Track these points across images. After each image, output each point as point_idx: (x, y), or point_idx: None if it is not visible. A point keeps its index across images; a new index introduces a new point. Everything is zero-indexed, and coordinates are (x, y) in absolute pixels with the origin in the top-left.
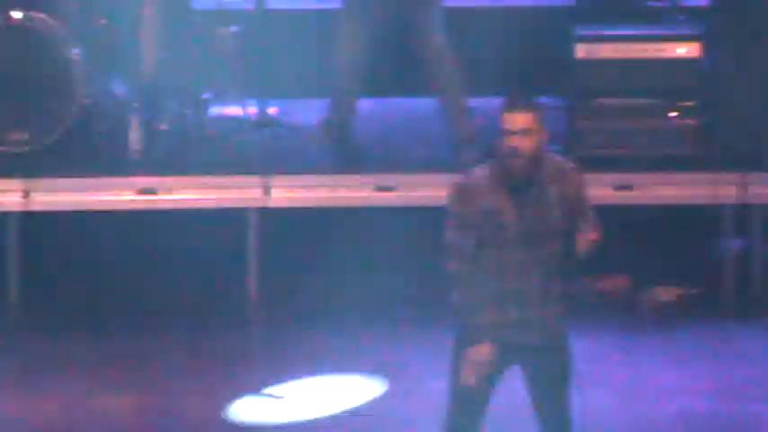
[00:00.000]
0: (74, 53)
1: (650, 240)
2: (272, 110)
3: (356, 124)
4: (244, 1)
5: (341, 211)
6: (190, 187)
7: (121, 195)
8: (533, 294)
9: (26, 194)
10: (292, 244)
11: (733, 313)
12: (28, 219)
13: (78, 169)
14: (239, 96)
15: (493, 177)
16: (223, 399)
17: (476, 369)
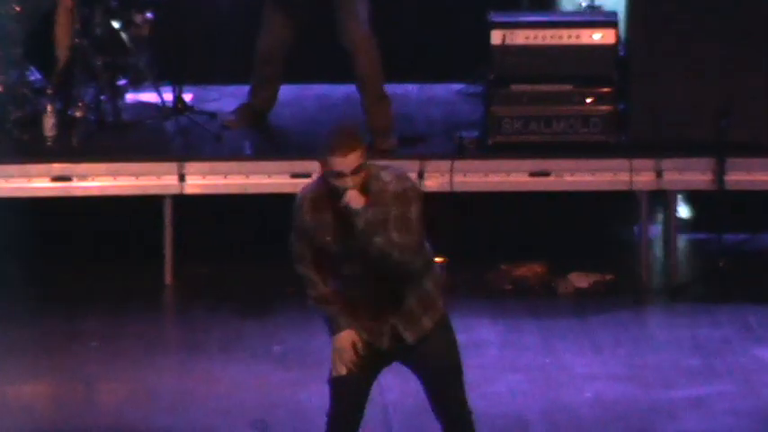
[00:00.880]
0: None
1: (566, 227)
2: (188, 96)
3: (274, 110)
4: None
5: (257, 198)
6: (105, 174)
7: (36, 182)
8: (375, 303)
9: None
10: (208, 230)
11: (648, 299)
12: None
13: None
14: (155, 82)
15: (320, 199)
16: (139, 384)
17: (342, 357)
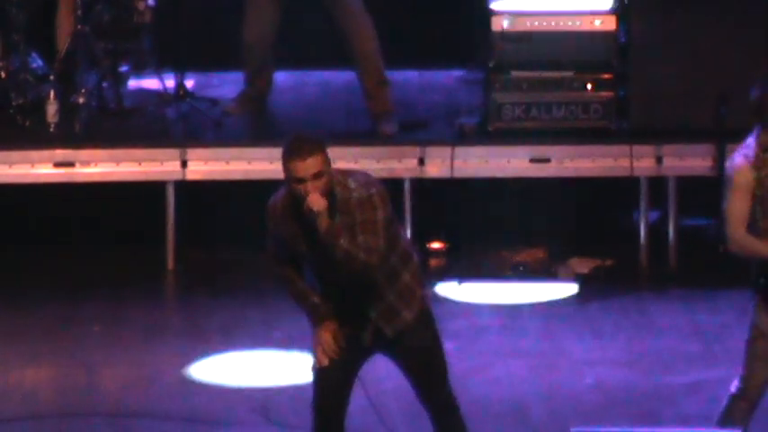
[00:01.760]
0: None
1: (566, 212)
2: (189, 82)
3: (273, 96)
4: None
5: (259, 184)
6: (107, 160)
7: (38, 168)
8: (354, 303)
9: None
10: (210, 216)
11: (648, 285)
12: None
13: None
14: (156, 69)
15: (287, 208)
16: (140, 369)
17: (323, 349)
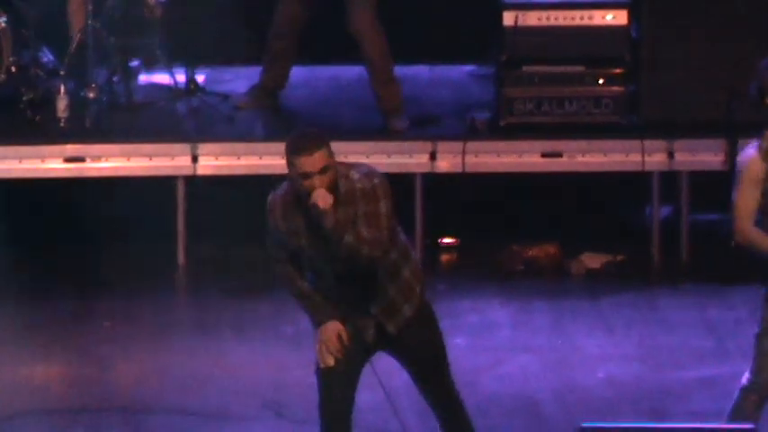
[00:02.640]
0: (0, 21)
1: (578, 208)
2: (200, 77)
3: (284, 92)
4: None
5: (269, 179)
6: (118, 155)
7: (49, 163)
8: (355, 299)
9: None
10: (222, 212)
11: (660, 280)
12: None
13: (5, 137)
14: (167, 64)
15: (289, 203)
16: (151, 364)
17: (328, 348)
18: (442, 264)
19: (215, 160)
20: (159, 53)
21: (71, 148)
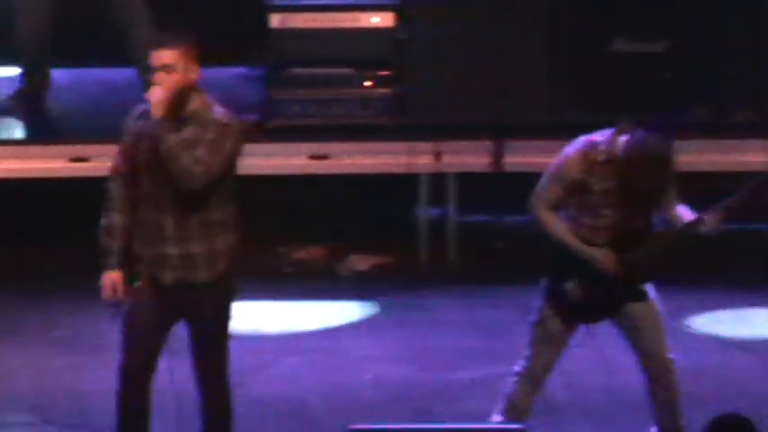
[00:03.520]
0: None
1: (346, 209)
2: None
3: (50, 94)
4: None
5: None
6: None
7: None
8: (172, 230)
9: None
10: None
11: (428, 281)
12: None
13: None
14: None
15: (144, 115)
16: None
17: (108, 296)
18: None
19: None
20: None
21: None
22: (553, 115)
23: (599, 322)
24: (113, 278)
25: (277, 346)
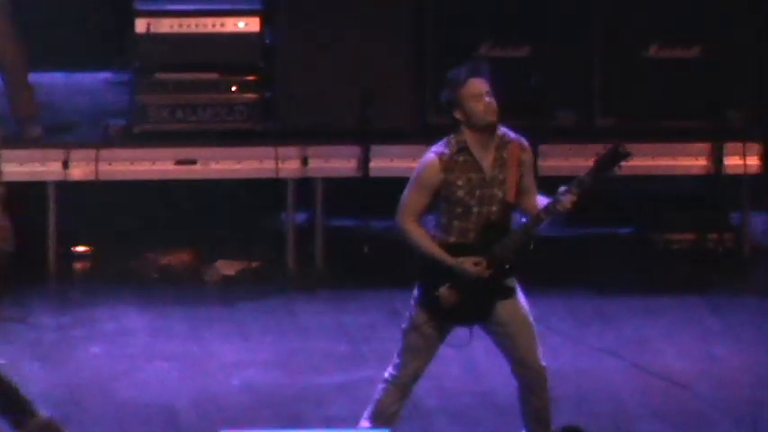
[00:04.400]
0: None
1: (214, 214)
2: None
3: None
4: None
5: None
6: None
7: None
8: None
9: None
10: None
11: (295, 286)
12: None
13: None
14: None
15: None
16: None
17: None
18: (76, 272)
19: None
20: None
21: None
22: (419, 121)
23: (472, 326)
24: None
25: (145, 352)
